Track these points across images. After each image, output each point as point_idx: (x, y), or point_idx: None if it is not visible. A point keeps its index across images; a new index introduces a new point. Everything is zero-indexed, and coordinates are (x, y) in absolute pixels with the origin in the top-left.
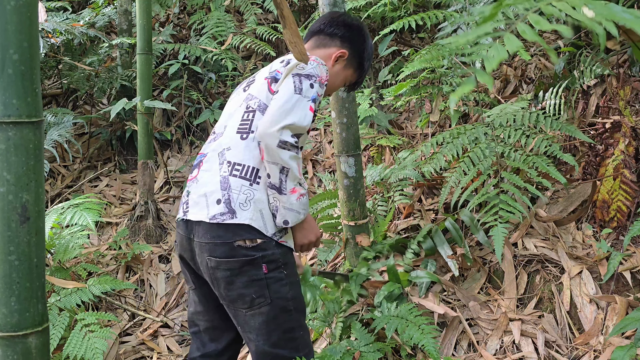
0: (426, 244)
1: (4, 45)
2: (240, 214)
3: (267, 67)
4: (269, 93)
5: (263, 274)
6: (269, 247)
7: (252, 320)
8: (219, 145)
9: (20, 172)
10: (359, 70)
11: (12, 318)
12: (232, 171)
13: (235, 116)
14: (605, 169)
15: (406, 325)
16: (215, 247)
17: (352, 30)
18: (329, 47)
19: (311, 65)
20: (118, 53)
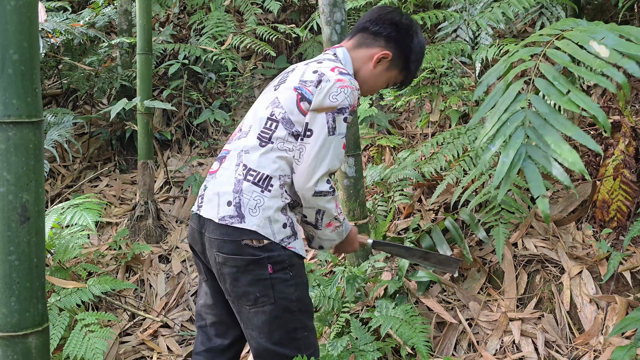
0: (425, 243)
1: (4, 45)
2: (248, 220)
3: (300, 70)
4: (298, 110)
5: (268, 274)
6: (276, 249)
7: (255, 317)
8: (240, 146)
9: (20, 172)
10: (405, 71)
11: (12, 318)
12: (247, 176)
13: (260, 118)
14: (605, 169)
15: (400, 325)
16: (224, 244)
17: (398, 29)
18: (372, 47)
19: (344, 94)
20: (118, 53)
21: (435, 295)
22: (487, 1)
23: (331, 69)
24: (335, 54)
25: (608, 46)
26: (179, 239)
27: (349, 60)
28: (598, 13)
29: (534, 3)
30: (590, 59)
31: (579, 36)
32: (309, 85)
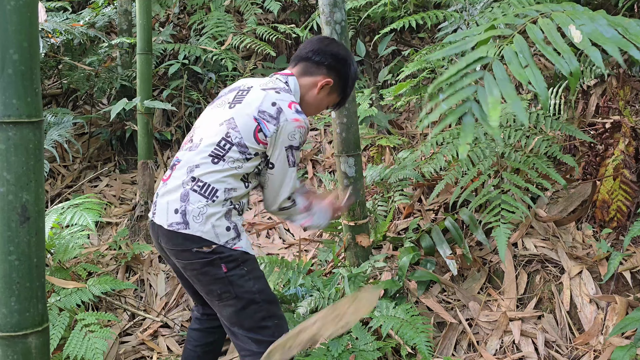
0: (425, 243)
1: (4, 45)
2: (192, 226)
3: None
4: (254, 140)
5: (223, 273)
6: (225, 250)
7: (224, 310)
8: (191, 160)
9: (20, 172)
10: (342, 94)
11: (12, 318)
12: (194, 186)
13: (213, 135)
14: (605, 169)
15: (401, 325)
16: (179, 253)
17: (338, 59)
18: (316, 75)
19: (300, 134)
20: (118, 53)
21: (435, 295)
22: (487, 1)
23: (288, 105)
24: (287, 82)
25: (583, 32)
26: None
27: (298, 90)
28: None
29: (534, 3)
30: (559, 42)
31: (562, 18)
32: (267, 118)
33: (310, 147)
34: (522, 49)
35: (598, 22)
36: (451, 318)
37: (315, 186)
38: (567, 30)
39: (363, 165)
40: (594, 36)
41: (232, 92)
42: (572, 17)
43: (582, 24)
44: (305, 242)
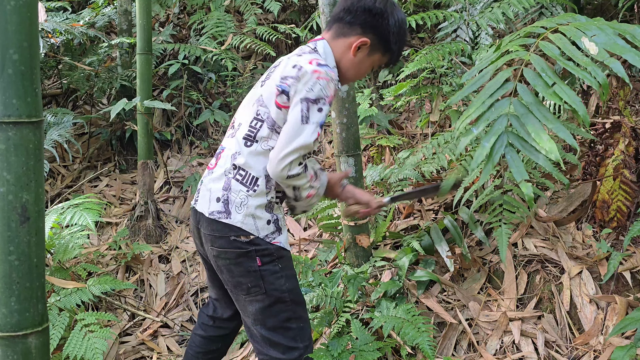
0: (424, 242)
1: (4, 45)
2: (234, 216)
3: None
4: (275, 106)
5: (257, 266)
6: (262, 243)
7: (250, 306)
8: (233, 147)
9: (20, 172)
10: (388, 53)
11: (12, 318)
12: (236, 175)
13: (247, 117)
14: (605, 169)
15: (403, 325)
16: (215, 239)
17: (372, 14)
18: (349, 36)
19: (320, 86)
20: (118, 53)
21: (435, 295)
22: (487, 1)
23: (309, 62)
24: (315, 47)
25: (598, 44)
26: (178, 239)
27: (329, 53)
28: (598, 13)
29: (534, 3)
30: (577, 55)
31: (572, 31)
32: (288, 79)
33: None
34: (543, 67)
35: (606, 32)
36: (451, 318)
37: None
38: (580, 43)
39: (363, 165)
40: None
41: (267, 71)
42: (581, 29)
43: (594, 34)
44: (305, 242)
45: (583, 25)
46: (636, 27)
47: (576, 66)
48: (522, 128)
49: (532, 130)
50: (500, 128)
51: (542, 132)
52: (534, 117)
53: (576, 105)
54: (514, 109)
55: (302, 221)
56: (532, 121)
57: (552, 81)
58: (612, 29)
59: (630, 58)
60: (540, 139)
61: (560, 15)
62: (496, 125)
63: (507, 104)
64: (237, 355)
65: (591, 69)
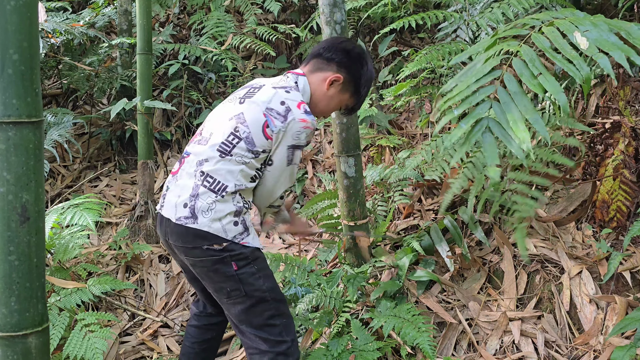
0: (424, 242)
1: (4, 45)
2: (200, 220)
3: (268, 92)
4: (263, 135)
5: (234, 271)
6: (236, 247)
7: (233, 308)
8: (201, 154)
9: (20, 172)
10: (356, 95)
11: (12, 318)
12: (203, 182)
13: (222, 129)
14: (605, 169)
15: (403, 325)
16: (188, 250)
17: (349, 56)
18: (325, 71)
19: (305, 134)
20: (118, 53)
21: (435, 295)
22: (487, 1)
23: (297, 105)
24: (297, 82)
25: (589, 39)
26: None
27: (307, 90)
28: (598, 13)
29: (534, 3)
30: (567, 48)
31: (567, 25)
32: (275, 115)
33: (311, 147)
34: (532, 58)
35: (600, 28)
36: (451, 318)
37: (315, 186)
38: (572, 37)
39: (363, 165)
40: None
41: (244, 89)
42: (575, 23)
43: (586, 30)
44: (305, 242)
45: (578, 20)
46: (633, 25)
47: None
48: (503, 115)
49: (511, 118)
50: (480, 112)
51: (521, 122)
52: (515, 106)
53: (558, 95)
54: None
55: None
56: (513, 110)
57: (538, 72)
58: (608, 26)
59: (616, 55)
60: (517, 129)
61: (560, 10)
62: (477, 109)
63: (491, 90)
64: (237, 355)
65: (577, 63)
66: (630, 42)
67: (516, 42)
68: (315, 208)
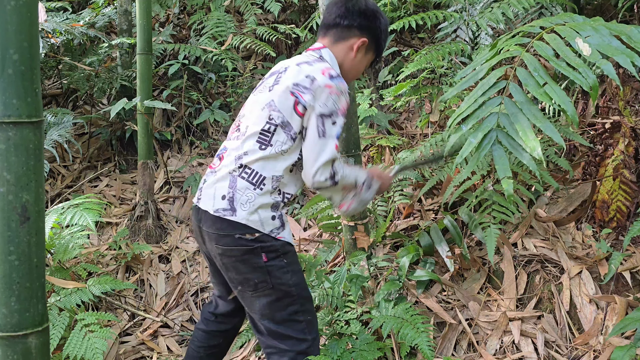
0: (424, 242)
1: (4, 45)
2: (239, 213)
3: (293, 71)
4: (295, 113)
5: (263, 262)
6: (268, 239)
7: (257, 301)
8: (239, 147)
9: (20, 172)
10: (378, 50)
11: (12, 318)
12: (242, 173)
13: (257, 120)
14: (605, 169)
15: (402, 325)
16: (220, 237)
17: (367, 16)
18: (349, 38)
19: (332, 101)
20: (118, 53)
21: (434, 295)
22: (487, 1)
23: (322, 72)
24: (321, 56)
25: (591, 45)
26: (179, 239)
27: (334, 61)
28: (598, 13)
29: (534, 3)
30: (570, 56)
31: (567, 31)
32: (302, 90)
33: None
34: (536, 67)
35: (601, 33)
36: (451, 318)
37: None
38: (574, 43)
39: (363, 165)
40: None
41: (272, 75)
42: (576, 29)
43: (588, 35)
44: (306, 242)
45: (579, 25)
46: (633, 28)
47: (568, 67)
48: (512, 127)
49: (520, 129)
50: (489, 125)
51: (530, 131)
52: (523, 116)
53: (565, 105)
54: (504, 108)
55: (302, 221)
56: (522, 120)
57: (543, 81)
58: (608, 30)
59: (621, 60)
60: (527, 138)
61: (558, 15)
62: (485, 122)
63: (498, 102)
64: (237, 355)
65: (582, 70)
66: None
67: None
68: (315, 208)
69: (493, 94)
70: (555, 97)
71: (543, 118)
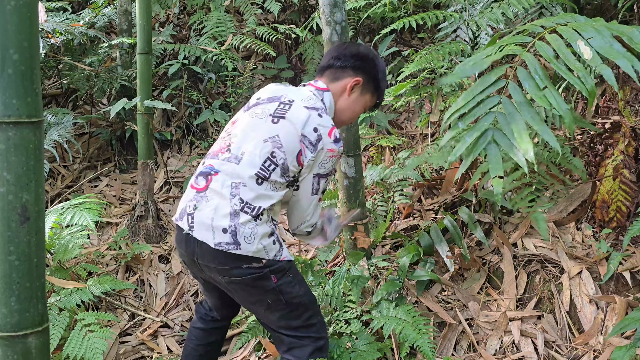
0: (424, 242)
1: (4, 45)
2: (244, 246)
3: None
4: (297, 162)
5: (274, 284)
6: (274, 263)
7: (272, 316)
8: (235, 175)
9: (20, 172)
10: (377, 92)
11: (12, 318)
12: (245, 208)
13: (257, 152)
14: (604, 169)
15: (403, 326)
16: (225, 270)
17: (360, 57)
18: (343, 78)
19: (331, 163)
20: (118, 53)
21: (434, 295)
22: (487, 1)
23: (329, 133)
24: (323, 99)
25: (593, 47)
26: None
27: (333, 105)
28: (598, 13)
29: (534, 3)
30: (571, 59)
31: (569, 32)
32: (307, 145)
33: None
34: (536, 68)
35: (603, 34)
36: (450, 318)
37: None
38: (575, 46)
39: (363, 165)
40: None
41: (272, 102)
42: (578, 30)
43: (590, 37)
44: (305, 242)
45: (581, 26)
46: (634, 30)
47: (568, 70)
48: (508, 127)
49: (516, 130)
50: (485, 124)
51: (525, 133)
52: (520, 117)
53: (563, 112)
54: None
55: None
56: (519, 121)
57: (543, 84)
58: (610, 31)
59: (622, 64)
60: (521, 140)
61: (559, 15)
62: (482, 121)
63: (496, 101)
64: (237, 356)
65: (582, 75)
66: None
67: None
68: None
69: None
70: (553, 101)
71: (540, 121)
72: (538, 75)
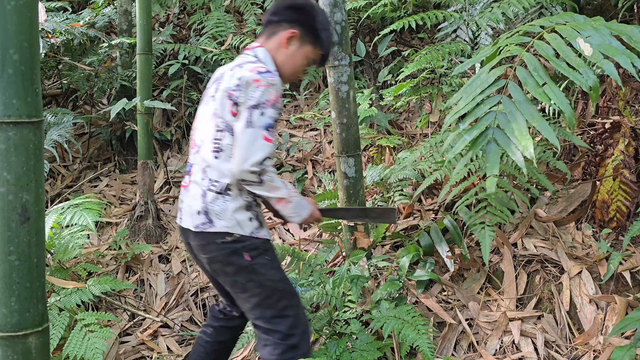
0: (424, 242)
1: (4, 45)
2: (217, 223)
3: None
4: (231, 116)
5: (247, 262)
6: (247, 239)
7: (248, 302)
8: (202, 160)
9: (20, 172)
10: (318, 43)
11: (12, 318)
12: (210, 186)
13: (208, 132)
14: (605, 169)
15: (403, 326)
16: (204, 247)
17: (296, 9)
18: (279, 32)
19: (260, 92)
20: (118, 53)
21: (434, 295)
22: (487, 1)
23: (250, 70)
24: (255, 55)
25: (592, 45)
26: (179, 239)
27: (269, 58)
28: (598, 13)
29: (534, 3)
30: (571, 56)
31: (568, 31)
32: (235, 91)
33: (310, 147)
34: (536, 66)
35: (602, 33)
36: (450, 318)
37: (315, 186)
38: (575, 43)
39: (363, 165)
40: (603, 48)
41: (213, 84)
42: (577, 29)
43: (589, 35)
44: (305, 242)
45: (579, 25)
46: (633, 28)
47: (569, 67)
48: (508, 125)
49: (516, 127)
50: (485, 124)
51: (525, 130)
52: (521, 115)
53: (564, 107)
54: (502, 107)
55: None
56: (519, 119)
57: (542, 81)
58: (609, 30)
59: (622, 61)
60: (521, 137)
61: (558, 14)
62: (482, 120)
63: (496, 101)
64: (237, 356)
65: (583, 71)
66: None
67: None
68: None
69: (492, 93)
70: (554, 97)
71: (540, 118)
72: (537, 73)
